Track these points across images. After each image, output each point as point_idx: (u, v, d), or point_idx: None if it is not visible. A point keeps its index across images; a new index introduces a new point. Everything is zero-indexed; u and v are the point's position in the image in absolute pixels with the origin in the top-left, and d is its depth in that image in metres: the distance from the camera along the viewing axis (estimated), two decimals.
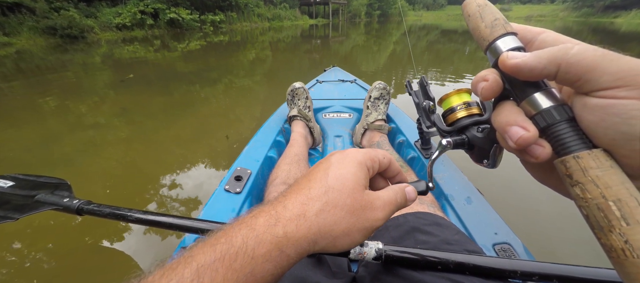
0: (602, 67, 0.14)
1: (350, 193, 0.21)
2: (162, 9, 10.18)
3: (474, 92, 0.20)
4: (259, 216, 0.20)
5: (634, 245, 0.13)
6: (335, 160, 0.23)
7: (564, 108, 0.16)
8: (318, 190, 0.21)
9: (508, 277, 0.35)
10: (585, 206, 0.15)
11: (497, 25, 0.19)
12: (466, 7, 0.22)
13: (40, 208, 0.54)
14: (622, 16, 20.36)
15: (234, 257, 0.17)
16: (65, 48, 6.89)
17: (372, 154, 0.24)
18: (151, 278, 0.17)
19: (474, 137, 0.22)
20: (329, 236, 0.20)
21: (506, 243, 0.49)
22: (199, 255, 0.17)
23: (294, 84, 1.02)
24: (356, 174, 0.22)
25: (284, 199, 0.21)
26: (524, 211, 1.12)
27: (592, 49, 0.15)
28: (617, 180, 0.14)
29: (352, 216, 0.20)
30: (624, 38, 8.83)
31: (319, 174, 0.22)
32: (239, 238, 0.18)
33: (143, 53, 6.18)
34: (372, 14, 24.90)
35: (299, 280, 0.36)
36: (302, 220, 0.19)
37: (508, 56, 0.17)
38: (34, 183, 0.61)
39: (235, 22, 13.52)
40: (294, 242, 0.19)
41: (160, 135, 2.07)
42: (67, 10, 8.27)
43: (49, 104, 2.73)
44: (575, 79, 0.15)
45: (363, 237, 0.21)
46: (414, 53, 6.08)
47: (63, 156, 1.78)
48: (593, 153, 0.15)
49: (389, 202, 0.22)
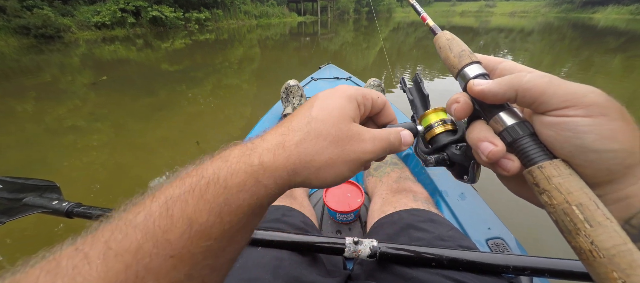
0: (551, 91, 0.17)
1: (335, 123, 0.20)
2: (143, 6, 9.78)
3: (449, 112, 0.22)
4: (234, 149, 0.19)
5: (599, 245, 0.14)
6: (322, 95, 0.22)
7: (526, 124, 0.19)
8: (300, 121, 0.20)
9: (501, 272, 0.35)
10: (553, 212, 0.16)
11: (464, 56, 0.22)
12: (437, 40, 0.25)
13: (28, 211, 0.53)
14: (599, 12, 21.32)
15: (204, 188, 0.16)
16: (40, 49, 6.55)
17: (366, 91, 0.23)
18: (117, 213, 0.16)
19: (453, 154, 0.24)
20: (311, 166, 0.19)
21: (499, 238, 0.49)
22: (168, 189, 0.17)
23: (289, 82, 1.01)
24: (343, 105, 0.21)
25: (264, 133, 0.20)
26: (516, 206, 1.15)
27: (540, 76, 0.18)
28: (576, 186, 0.16)
29: (336, 146, 0.19)
30: (602, 33, 9.26)
31: (303, 108, 0.21)
32: (210, 169, 0.17)
33: (125, 53, 5.96)
34: (360, 11, 24.97)
35: (293, 278, 0.36)
36: (281, 150, 0.18)
37: (474, 83, 0.20)
38: (21, 185, 0.58)
39: (222, 20, 13.21)
40: (271, 172, 0.18)
41: (147, 137, 2.00)
42: (40, 9, 7.82)
43: (26, 108, 2.59)
44: (531, 101, 0.18)
45: (350, 170, 0.20)
46: (402, 50, 6.15)
47: (41, 161, 1.69)
48: (554, 163, 0.17)
49: (380, 138, 0.21)
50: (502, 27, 12.40)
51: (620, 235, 0.14)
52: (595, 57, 4.89)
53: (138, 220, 0.15)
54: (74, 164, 1.66)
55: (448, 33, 0.25)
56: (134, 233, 0.15)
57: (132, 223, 0.15)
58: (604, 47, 5.99)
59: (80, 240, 0.15)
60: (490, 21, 17.92)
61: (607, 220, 0.15)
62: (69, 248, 0.15)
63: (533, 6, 29.52)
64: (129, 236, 0.15)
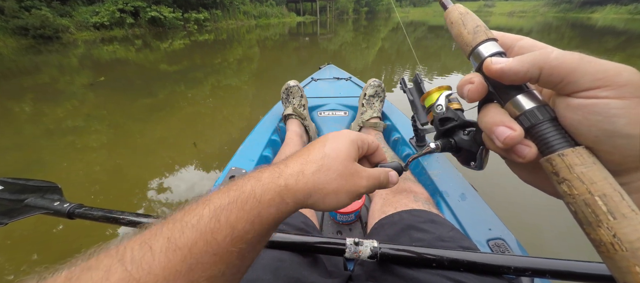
0: (581, 69, 0.15)
1: (342, 161, 0.24)
2: (142, 7, 9.74)
3: (460, 95, 0.21)
4: (264, 171, 0.23)
5: (622, 238, 0.14)
6: (331, 136, 0.27)
7: (546, 108, 0.17)
8: (316, 155, 0.25)
9: (502, 273, 0.35)
10: (572, 203, 0.15)
11: (479, 32, 0.20)
12: (449, 15, 0.23)
13: (30, 212, 0.53)
14: (598, 11, 21.35)
15: (245, 200, 0.20)
16: (39, 49, 6.53)
17: (364, 136, 0.28)
18: (174, 215, 0.19)
19: (461, 140, 0.24)
20: (321, 192, 0.23)
21: (500, 239, 0.49)
22: (215, 198, 0.20)
23: (289, 83, 1.00)
24: (349, 148, 0.26)
25: (287, 161, 0.25)
26: (517, 206, 1.15)
27: (569, 54, 0.16)
28: (600, 175, 0.15)
29: (342, 179, 0.24)
30: (600, 32, 9.28)
31: (317, 145, 0.26)
32: (248, 186, 0.21)
33: (124, 53, 5.94)
34: (359, 11, 24.94)
35: (294, 280, 0.36)
36: (301, 176, 0.23)
37: (492, 61, 0.18)
38: (23, 186, 0.59)
39: (221, 20, 13.18)
40: (293, 193, 0.22)
41: (146, 138, 2.00)
42: (38, 10, 7.79)
43: (23, 109, 2.58)
44: (557, 81, 0.16)
45: (349, 199, 0.25)
46: (402, 49, 6.15)
47: (39, 162, 1.68)
48: (576, 151, 0.16)
49: (373, 177, 0.26)
50: (501, 27, 12.42)
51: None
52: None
53: (193, 221, 0.19)
54: (72, 165, 1.66)
55: (461, 6, 0.23)
56: (190, 232, 0.18)
57: (189, 224, 0.18)
58: (603, 46, 6.00)
59: (146, 233, 0.18)
60: (489, 21, 17.95)
61: (633, 212, 0.14)
62: (134, 239, 0.17)
63: (532, 6, 29.56)
64: (185, 234, 0.18)
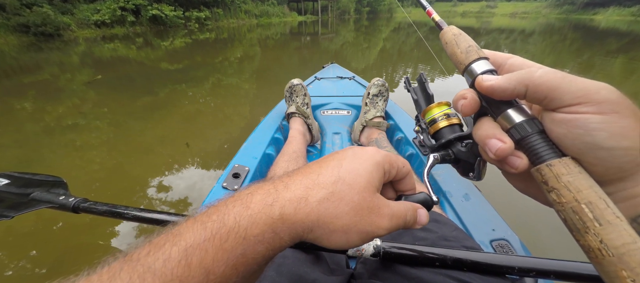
0: (564, 87, 0.17)
1: (361, 190, 0.19)
2: (143, 5, 9.73)
3: (455, 109, 0.22)
4: (255, 193, 0.19)
5: (608, 244, 0.14)
6: (352, 153, 0.21)
7: (535, 122, 0.19)
8: (328, 177, 0.19)
9: (505, 273, 0.35)
10: (562, 211, 0.16)
11: (471, 51, 0.21)
12: (444, 35, 0.24)
13: (35, 206, 0.53)
14: (600, 13, 21.29)
15: (225, 237, 0.16)
16: (40, 47, 6.53)
17: (393, 158, 0.22)
18: (137, 252, 0.16)
19: (459, 151, 0.24)
20: (326, 228, 0.18)
21: (504, 240, 0.49)
22: (188, 233, 0.16)
23: (293, 81, 1.00)
24: (371, 173, 0.20)
25: (288, 178, 0.20)
26: (521, 207, 1.15)
27: (552, 72, 0.17)
28: (586, 184, 0.16)
29: (355, 215, 0.19)
30: (603, 34, 9.25)
31: (332, 162, 0.21)
32: (231, 216, 0.17)
33: (124, 51, 5.94)
34: (361, 11, 24.92)
35: (296, 276, 0.35)
36: (303, 204, 0.18)
37: (483, 78, 0.20)
38: (29, 181, 0.60)
39: (222, 19, 13.17)
40: (289, 225, 0.18)
41: (147, 136, 2.00)
42: (40, 7, 7.79)
43: (24, 106, 2.58)
44: (542, 97, 0.17)
45: (360, 241, 0.19)
46: (403, 50, 6.14)
47: (40, 159, 1.68)
48: (563, 161, 0.17)
49: (398, 215, 0.20)
50: (503, 28, 12.41)
51: (630, 234, 0.14)
52: (596, 59, 4.87)
53: (157, 265, 0.15)
54: (73, 163, 1.66)
55: (454, 28, 0.24)
56: (152, 279, 0.15)
57: (151, 269, 0.15)
58: (605, 48, 5.98)
59: (103, 274, 0.15)
60: (491, 22, 17.92)
61: (617, 219, 0.14)
62: None
63: (534, 7, 29.52)
64: (146, 282, 0.15)
